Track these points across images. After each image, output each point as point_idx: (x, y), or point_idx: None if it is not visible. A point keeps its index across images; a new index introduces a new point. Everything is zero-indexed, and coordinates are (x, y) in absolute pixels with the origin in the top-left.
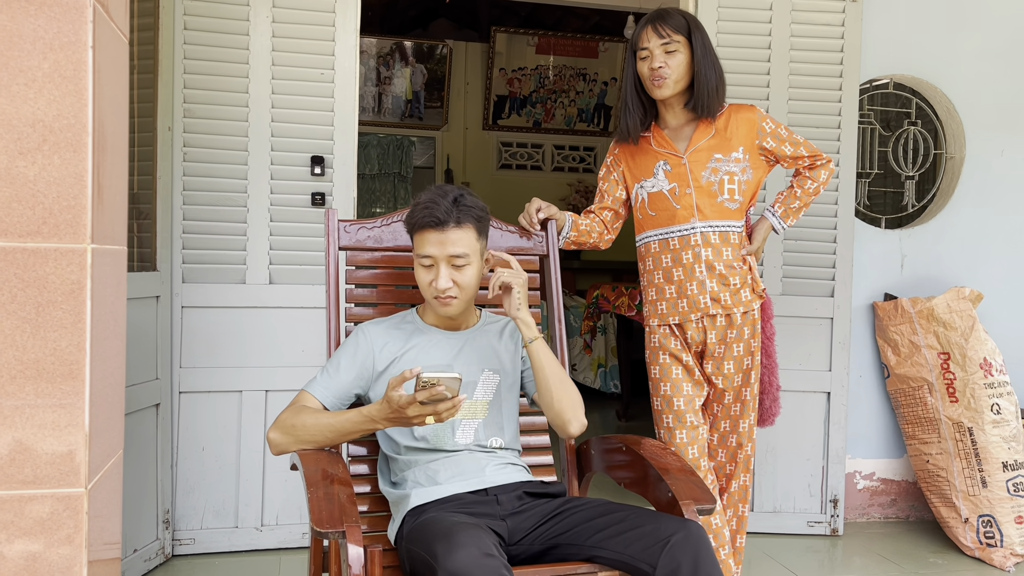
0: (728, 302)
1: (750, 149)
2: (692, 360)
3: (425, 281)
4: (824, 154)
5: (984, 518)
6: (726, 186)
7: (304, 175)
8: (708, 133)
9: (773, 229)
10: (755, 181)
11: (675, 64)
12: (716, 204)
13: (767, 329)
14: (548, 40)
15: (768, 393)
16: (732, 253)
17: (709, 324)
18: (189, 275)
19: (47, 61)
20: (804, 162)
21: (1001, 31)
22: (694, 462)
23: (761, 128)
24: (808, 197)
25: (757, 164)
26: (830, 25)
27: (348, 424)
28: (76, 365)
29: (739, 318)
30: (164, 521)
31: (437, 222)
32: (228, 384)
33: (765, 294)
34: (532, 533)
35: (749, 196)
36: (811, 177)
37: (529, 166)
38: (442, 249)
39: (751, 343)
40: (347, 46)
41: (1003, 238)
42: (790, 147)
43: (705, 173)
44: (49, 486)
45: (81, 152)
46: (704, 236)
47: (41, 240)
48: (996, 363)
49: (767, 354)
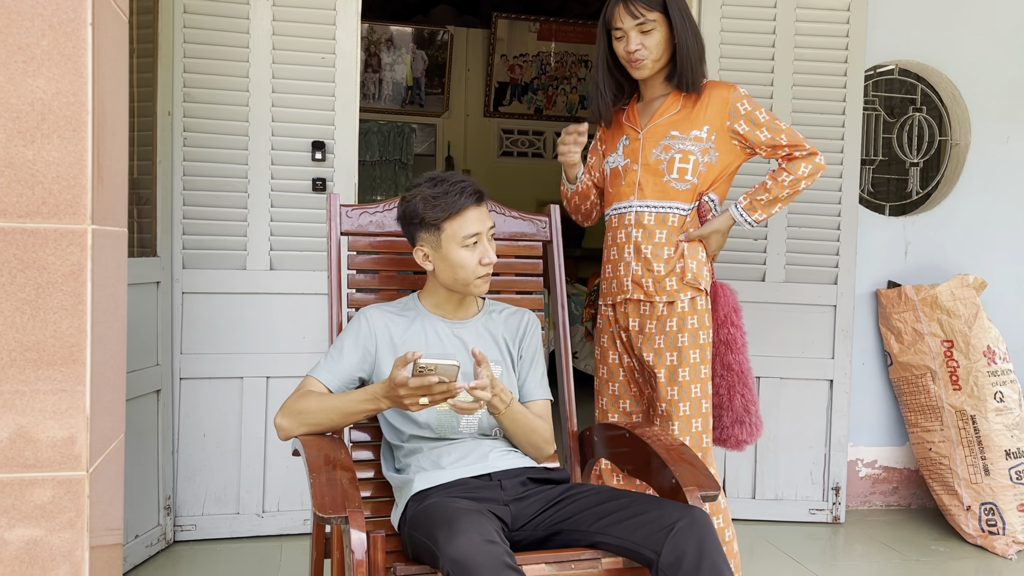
0: (650, 288)
1: (718, 130)
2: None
3: (474, 261)
4: (809, 145)
5: (986, 506)
6: (676, 165)
7: (305, 160)
8: (673, 108)
9: (735, 221)
10: (721, 166)
11: (653, 44)
12: (660, 183)
13: (723, 334)
14: (550, 26)
15: (728, 411)
16: (666, 237)
17: (632, 310)
18: (189, 261)
19: (46, 39)
20: (782, 151)
21: (1007, 17)
22: None
23: (734, 108)
24: (781, 190)
25: (726, 148)
26: (835, 10)
27: (353, 403)
28: (77, 348)
29: (662, 308)
30: (165, 507)
31: (479, 196)
32: (229, 370)
33: (712, 289)
34: (535, 519)
35: (709, 180)
36: (787, 169)
37: (530, 153)
38: (484, 223)
39: (678, 339)
40: (348, 30)
41: (1008, 226)
42: (766, 133)
43: (656, 151)
44: (50, 470)
45: (81, 131)
46: (638, 216)
47: (41, 220)
48: (999, 351)
49: (725, 366)
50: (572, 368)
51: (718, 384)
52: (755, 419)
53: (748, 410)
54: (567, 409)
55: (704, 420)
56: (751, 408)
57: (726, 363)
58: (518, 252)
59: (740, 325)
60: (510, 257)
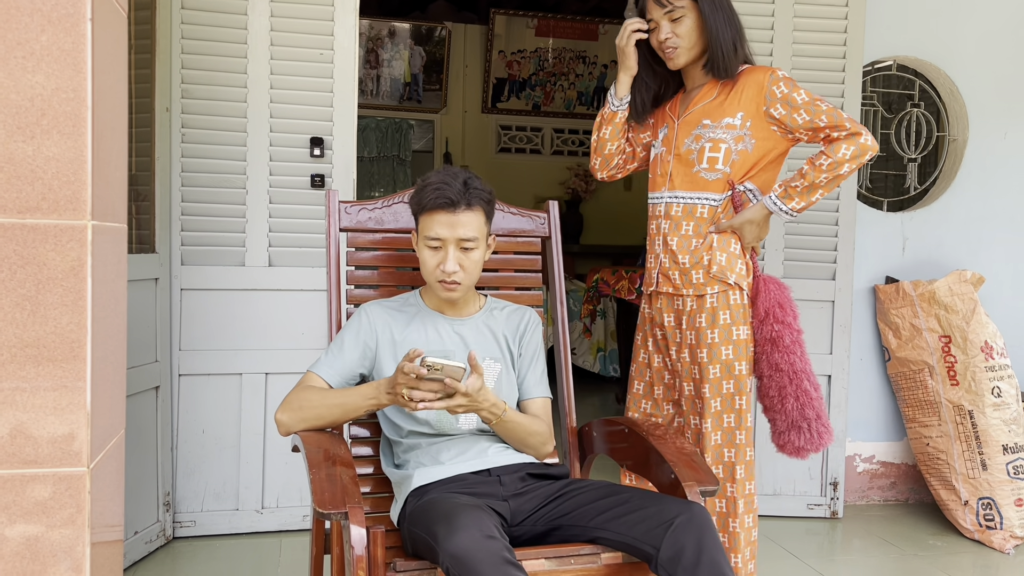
0: (677, 281)
1: (753, 115)
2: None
3: (432, 264)
4: (851, 125)
5: (984, 501)
6: (706, 154)
7: (303, 156)
8: (709, 96)
9: (770, 211)
10: (758, 154)
11: (684, 32)
12: (690, 174)
13: (767, 331)
14: (547, 22)
15: (781, 414)
16: (694, 228)
17: (665, 304)
18: (188, 257)
19: (45, 34)
20: (822, 134)
21: (1005, 12)
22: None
23: (770, 92)
24: (818, 175)
25: (764, 134)
26: (833, 6)
27: (354, 399)
28: (77, 344)
29: (691, 302)
30: (165, 503)
31: (450, 203)
32: (228, 367)
33: (754, 283)
34: (534, 514)
35: (743, 169)
36: (826, 152)
37: (528, 149)
38: (452, 231)
39: (708, 335)
40: (346, 26)
41: (1005, 221)
42: (804, 115)
43: (688, 140)
44: (50, 466)
45: (80, 127)
46: (667, 207)
47: (40, 216)
48: (997, 346)
49: (772, 366)
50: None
51: (767, 386)
52: (816, 425)
53: (804, 415)
54: (566, 405)
55: (738, 416)
56: (808, 413)
57: (773, 363)
58: (517, 248)
59: (788, 322)
60: (509, 253)
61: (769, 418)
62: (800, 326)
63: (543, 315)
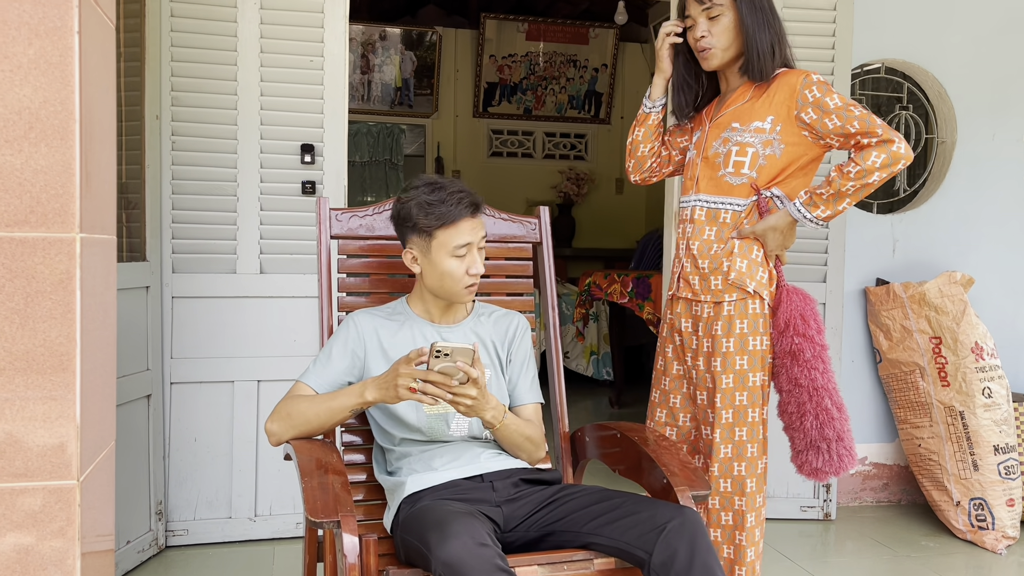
0: (696, 287)
1: (784, 119)
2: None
3: (460, 272)
4: (882, 131)
5: (976, 501)
6: (732, 158)
7: (294, 163)
8: (742, 99)
9: (794, 218)
10: (787, 159)
11: (719, 30)
12: (715, 177)
13: (787, 344)
14: (538, 26)
15: (799, 432)
16: (716, 233)
17: (684, 309)
18: (179, 265)
19: (32, 47)
20: (853, 140)
21: (992, 15)
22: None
23: (802, 96)
24: (845, 182)
25: (795, 139)
26: (822, 9)
27: (340, 398)
28: (66, 356)
29: (709, 309)
30: (157, 512)
31: (475, 207)
32: (220, 374)
33: (776, 292)
34: (527, 520)
35: (771, 174)
36: (855, 159)
37: (520, 153)
38: (476, 234)
39: (723, 343)
40: (336, 33)
41: (994, 222)
42: (835, 120)
43: (716, 143)
44: (40, 479)
45: (68, 140)
46: (692, 210)
47: (29, 230)
48: (987, 347)
49: (792, 380)
50: (563, 368)
51: (786, 401)
52: (837, 447)
53: (824, 435)
54: (558, 410)
55: (751, 430)
56: (828, 432)
57: (792, 377)
58: (508, 254)
59: (811, 335)
60: (500, 259)
61: (788, 435)
62: (825, 341)
63: (534, 320)
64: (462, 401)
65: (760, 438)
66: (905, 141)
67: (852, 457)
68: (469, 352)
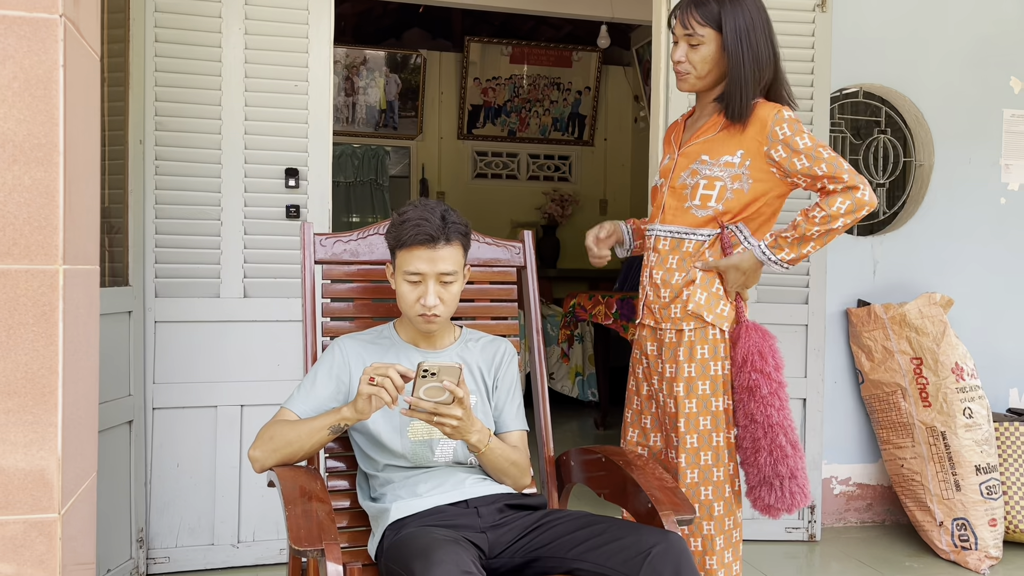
0: (658, 315)
1: (753, 155)
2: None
3: (411, 298)
4: (848, 177)
5: (958, 521)
6: (700, 191)
7: (278, 187)
8: (713, 130)
9: (759, 259)
10: (754, 194)
11: (697, 59)
12: (682, 208)
13: (744, 380)
14: (522, 49)
15: (752, 467)
16: (678, 263)
17: (648, 334)
18: (162, 290)
19: (17, 80)
20: (819, 183)
21: (965, 40)
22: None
23: (772, 132)
24: (811, 227)
25: (763, 176)
26: (800, 35)
27: (320, 418)
28: (48, 388)
29: (671, 335)
30: (138, 539)
31: (430, 239)
32: (203, 399)
33: (735, 328)
34: (512, 546)
35: (737, 208)
36: (821, 204)
37: (504, 175)
38: (432, 266)
39: (685, 368)
40: (321, 57)
41: (972, 244)
42: (804, 162)
43: (684, 174)
44: (21, 512)
45: (52, 172)
46: (656, 240)
47: (12, 262)
48: (967, 367)
49: (748, 416)
50: (548, 390)
51: (742, 436)
52: (790, 484)
53: (777, 471)
54: (543, 434)
55: (716, 454)
56: (781, 469)
57: (748, 413)
58: (492, 278)
59: (768, 372)
60: (484, 283)
61: (744, 470)
62: (783, 379)
63: (519, 344)
64: (447, 422)
65: (726, 462)
66: (870, 188)
67: (805, 495)
68: (455, 371)
